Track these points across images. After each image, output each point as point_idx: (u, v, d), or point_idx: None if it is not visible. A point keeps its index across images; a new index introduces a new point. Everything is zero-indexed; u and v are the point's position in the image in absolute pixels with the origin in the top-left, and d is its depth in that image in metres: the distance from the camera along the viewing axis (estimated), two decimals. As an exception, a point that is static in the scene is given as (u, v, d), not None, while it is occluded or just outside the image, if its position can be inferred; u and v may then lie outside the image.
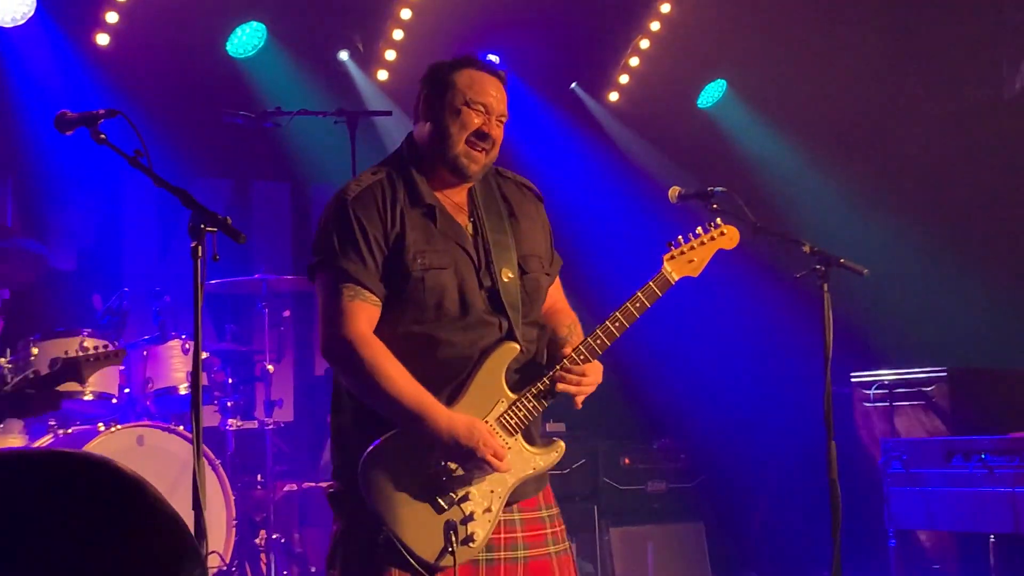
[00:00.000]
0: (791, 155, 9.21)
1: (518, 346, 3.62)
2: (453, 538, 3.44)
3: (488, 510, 3.54)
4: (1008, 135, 8.39)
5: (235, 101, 7.46)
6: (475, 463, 3.48)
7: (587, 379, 3.64)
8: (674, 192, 4.64)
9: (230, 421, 7.14)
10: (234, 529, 6.62)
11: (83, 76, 7.81)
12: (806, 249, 4.60)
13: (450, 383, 3.55)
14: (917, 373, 7.23)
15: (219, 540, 6.51)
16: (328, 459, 3.91)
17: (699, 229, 3.95)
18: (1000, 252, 8.33)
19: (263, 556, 6.96)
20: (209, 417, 7.08)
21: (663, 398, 8.33)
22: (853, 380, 7.49)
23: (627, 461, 7.90)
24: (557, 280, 3.92)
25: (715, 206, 4.60)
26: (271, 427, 7.21)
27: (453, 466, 3.50)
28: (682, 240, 3.92)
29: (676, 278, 3.85)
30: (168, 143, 7.15)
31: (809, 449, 5.79)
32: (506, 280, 3.66)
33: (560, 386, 3.62)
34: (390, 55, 8.79)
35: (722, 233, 3.99)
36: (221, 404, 7.12)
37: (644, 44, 9.37)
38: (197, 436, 3.40)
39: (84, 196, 8.18)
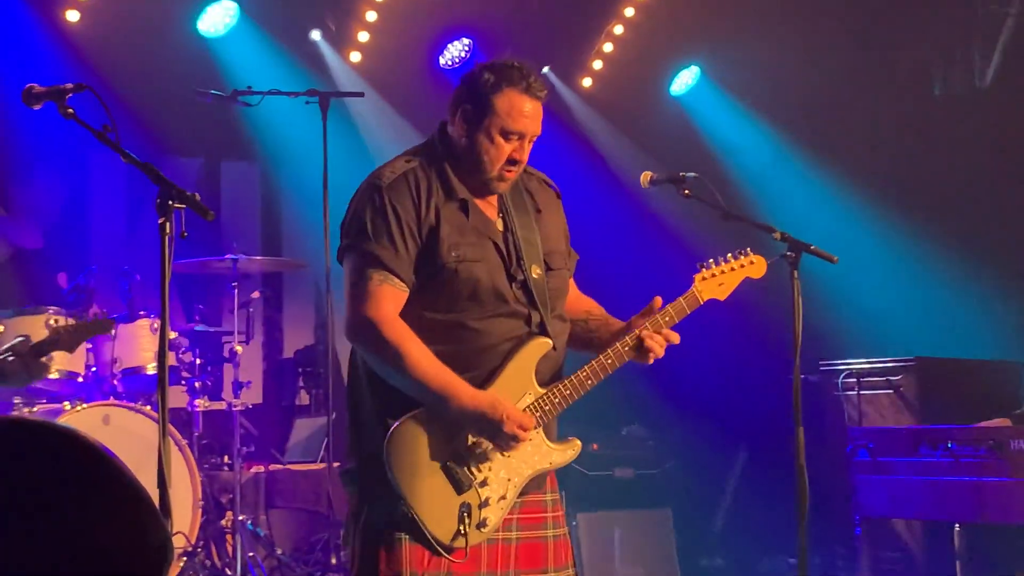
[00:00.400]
0: (763, 143, 9.23)
1: (551, 342, 3.69)
2: (467, 520, 3.52)
3: (503, 498, 3.60)
4: (979, 126, 8.43)
5: (206, 80, 7.40)
6: (501, 437, 3.52)
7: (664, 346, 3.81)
8: (646, 177, 4.62)
9: (197, 402, 7.09)
10: (200, 510, 6.59)
11: (52, 53, 7.74)
12: (776, 236, 4.59)
13: (480, 370, 3.59)
14: (886, 362, 7.26)
15: (185, 521, 6.48)
16: (297, 441, 3.93)
17: (729, 255, 4.08)
18: (970, 243, 8.37)
19: (229, 537, 6.93)
20: (176, 397, 7.05)
21: (631, 385, 8.33)
22: (822, 368, 7.51)
23: (595, 447, 7.91)
24: (572, 281, 4.01)
25: (686, 192, 4.60)
26: (239, 408, 7.16)
27: (477, 445, 3.56)
28: (712, 263, 4.04)
29: (705, 298, 3.98)
30: (137, 122, 7.13)
31: (777, 436, 5.80)
32: (535, 276, 3.72)
33: (650, 342, 3.75)
34: (363, 36, 8.75)
35: (752, 262, 4.13)
36: (189, 384, 7.08)
37: (618, 30, 9.35)
38: (163, 414, 3.38)
39: (50, 174, 8.12)
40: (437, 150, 3.75)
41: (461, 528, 3.51)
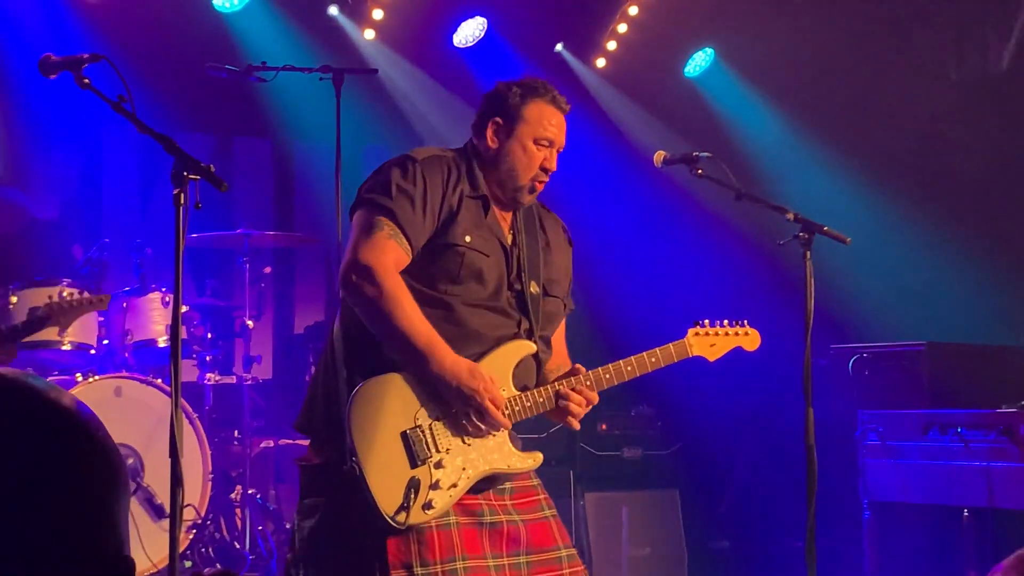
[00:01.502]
0: (777, 125, 9.21)
1: (534, 346, 3.73)
2: (413, 496, 3.46)
3: (454, 486, 3.55)
4: (994, 110, 8.39)
5: (220, 55, 7.40)
6: (474, 406, 3.51)
7: (586, 406, 3.75)
8: (659, 156, 4.63)
9: (208, 376, 7.12)
10: (210, 483, 6.63)
11: (68, 27, 7.75)
12: (789, 216, 4.59)
13: (460, 352, 3.57)
14: (896, 346, 7.24)
15: (195, 494, 6.51)
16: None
17: (726, 322, 4.20)
18: (983, 227, 8.34)
19: (238, 511, 6.96)
20: (187, 371, 7.07)
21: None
22: (832, 351, 7.50)
23: (603, 427, 7.91)
24: (562, 324, 4.02)
25: (700, 171, 4.60)
26: (249, 383, 7.20)
27: (441, 423, 3.53)
28: (708, 323, 4.14)
29: (694, 352, 4.08)
30: (151, 96, 7.10)
31: (786, 419, 5.82)
32: (532, 292, 3.78)
33: (564, 402, 3.72)
34: (378, 14, 8.74)
35: (747, 333, 4.26)
36: (200, 358, 7.11)
37: (633, 11, 9.33)
38: (176, 383, 3.39)
39: (66, 146, 8.14)
40: (468, 154, 3.84)
41: (405, 502, 3.44)
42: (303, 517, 3.61)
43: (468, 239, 3.66)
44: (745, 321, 4.26)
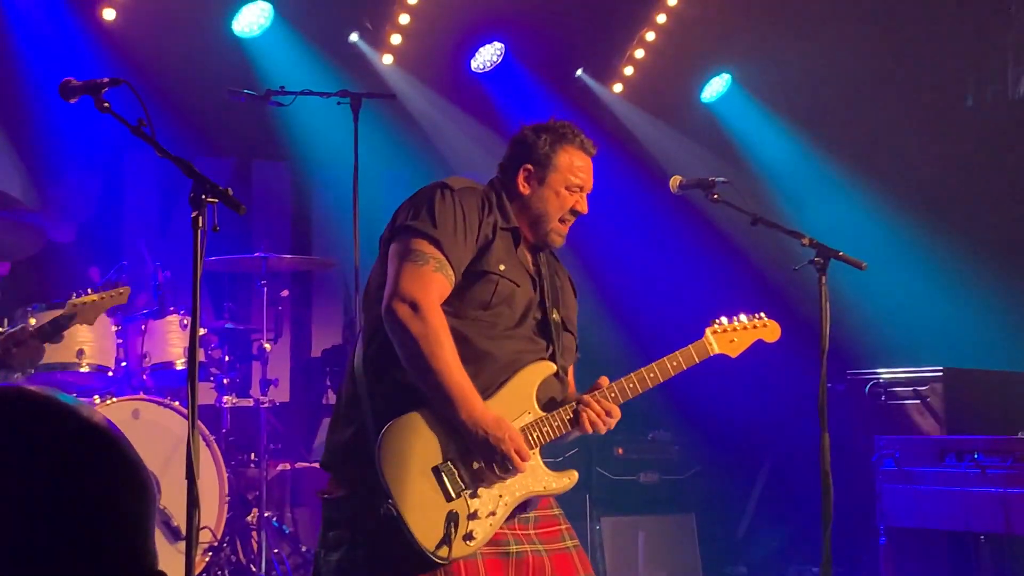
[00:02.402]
0: (793, 151, 9.22)
1: (555, 367, 3.74)
2: (453, 529, 3.45)
3: (492, 514, 3.55)
4: (1011, 137, 8.39)
5: (239, 80, 7.45)
6: (498, 459, 3.49)
7: (610, 419, 3.76)
8: (675, 181, 4.64)
9: (225, 398, 7.14)
10: (226, 506, 6.63)
11: (88, 51, 7.79)
12: (805, 242, 4.60)
13: (483, 379, 3.59)
14: (913, 372, 7.23)
15: (211, 516, 6.52)
16: (324, 440, 3.91)
17: (743, 315, 4.21)
18: (1000, 253, 8.33)
19: (255, 534, 6.96)
20: (205, 394, 7.08)
21: (658, 389, 8.32)
22: (849, 377, 7.49)
23: (620, 451, 7.91)
24: (571, 371, 4.02)
25: (716, 196, 4.62)
26: (266, 406, 7.21)
27: (472, 456, 3.52)
28: (725, 319, 4.16)
29: (715, 351, 4.08)
30: (170, 120, 7.16)
31: (802, 445, 5.80)
32: (555, 318, 3.82)
33: (586, 413, 3.71)
34: (396, 39, 8.78)
35: (765, 325, 4.27)
36: (217, 381, 7.13)
37: (650, 36, 9.36)
38: (192, 404, 3.40)
39: (85, 170, 8.19)
40: (498, 189, 3.88)
41: (446, 537, 3.43)
42: (328, 551, 3.59)
43: (502, 267, 3.69)
44: (763, 313, 4.25)
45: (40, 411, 1.37)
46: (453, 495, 3.48)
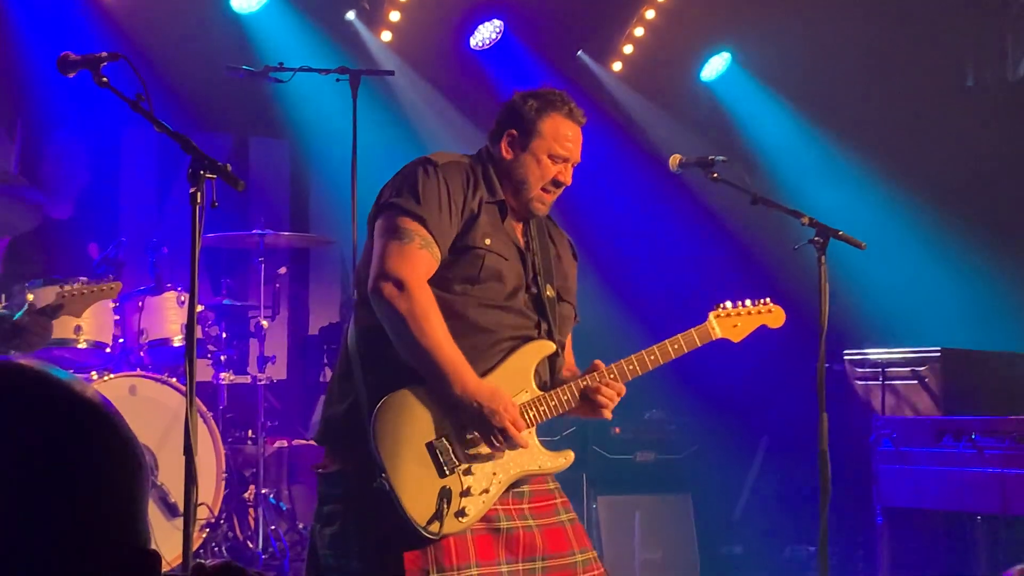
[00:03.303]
0: (793, 130, 9.20)
1: (554, 346, 3.72)
2: (445, 505, 3.44)
3: (486, 491, 3.55)
4: (1011, 118, 8.38)
5: (238, 56, 7.42)
6: (492, 430, 3.49)
7: (617, 397, 3.74)
8: (675, 160, 4.63)
9: (223, 375, 7.13)
10: (223, 483, 6.64)
11: (87, 26, 7.77)
12: (804, 221, 4.59)
13: (481, 356, 3.58)
14: (910, 353, 7.23)
15: (208, 493, 6.52)
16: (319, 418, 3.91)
17: (748, 301, 4.14)
18: (998, 235, 8.33)
19: (252, 511, 6.97)
20: (202, 371, 7.07)
21: (654, 370, 8.33)
22: (846, 358, 7.49)
23: (617, 431, 7.90)
24: (569, 336, 4.00)
25: (715, 175, 4.61)
26: (263, 383, 7.21)
27: (466, 431, 3.52)
28: (729, 304, 4.09)
29: (718, 335, 4.03)
30: (169, 96, 7.15)
31: (800, 425, 5.81)
32: (548, 295, 3.78)
33: (595, 395, 3.69)
34: (394, 16, 8.75)
35: (770, 310, 4.19)
36: (214, 358, 7.12)
37: (650, 14, 9.33)
38: (191, 380, 3.40)
39: (83, 146, 8.16)
40: (484, 160, 3.83)
41: (438, 512, 3.43)
42: (323, 524, 3.60)
43: (488, 242, 3.65)
44: (768, 299, 4.21)
45: (32, 385, 1.35)
46: (447, 471, 3.48)
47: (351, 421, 3.56)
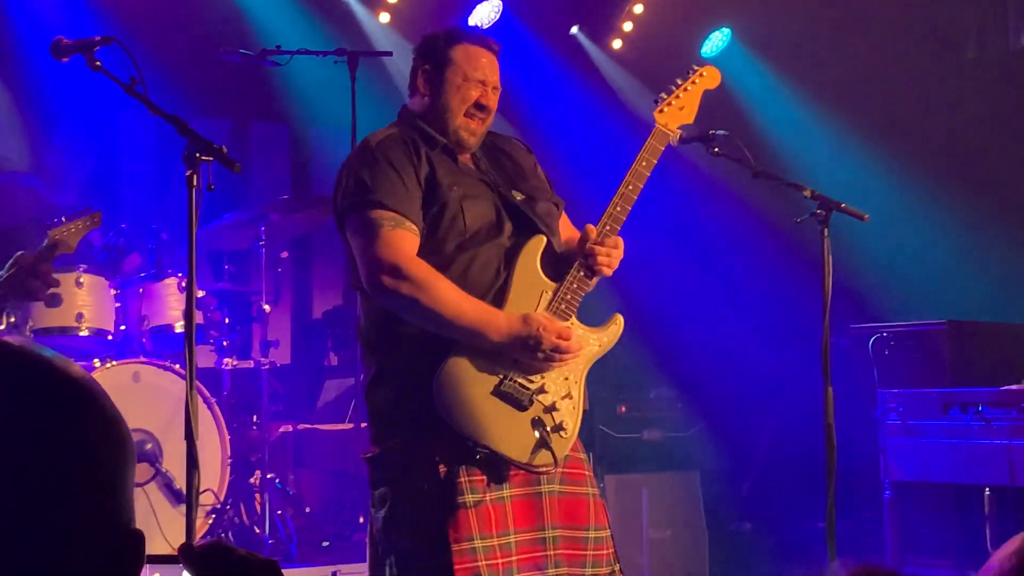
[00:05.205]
0: (793, 104, 9.16)
1: (545, 236, 3.72)
2: (544, 432, 3.53)
3: (568, 396, 3.62)
4: (1013, 89, 8.34)
5: (234, 40, 7.39)
6: (545, 353, 3.52)
7: (616, 251, 3.75)
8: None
9: (226, 361, 7.11)
10: (229, 468, 6.62)
11: (82, 11, 7.74)
12: (806, 193, 4.57)
13: (490, 291, 3.60)
14: (917, 325, 7.20)
15: (213, 479, 6.50)
16: (326, 402, 3.94)
17: (678, 79, 4.06)
18: (1004, 205, 8.30)
19: (257, 496, 6.96)
20: (205, 356, 7.06)
21: (660, 347, 8.31)
22: (852, 331, 7.46)
23: (623, 409, 7.89)
24: (567, 218, 4.00)
25: (716, 149, 4.59)
26: (267, 368, 7.19)
27: (523, 364, 3.55)
28: (664, 94, 4.01)
29: (674, 127, 3.97)
30: (165, 81, 7.09)
31: (806, 401, 5.77)
32: (519, 199, 3.78)
33: (590, 260, 3.68)
34: (392, -3, 8.72)
35: (702, 75, 4.14)
36: (217, 344, 7.10)
37: (649, -10, 9.29)
38: (190, 364, 3.38)
39: (82, 131, 8.13)
40: (409, 119, 3.83)
41: (542, 440, 3.51)
42: (377, 508, 3.65)
43: (456, 191, 3.67)
44: (693, 65, 4.16)
45: (13, 361, 1.32)
46: (526, 404, 3.55)
47: (384, 405, 3.63)
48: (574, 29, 9.45)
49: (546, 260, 3.71)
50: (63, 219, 5.44)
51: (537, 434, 3.51)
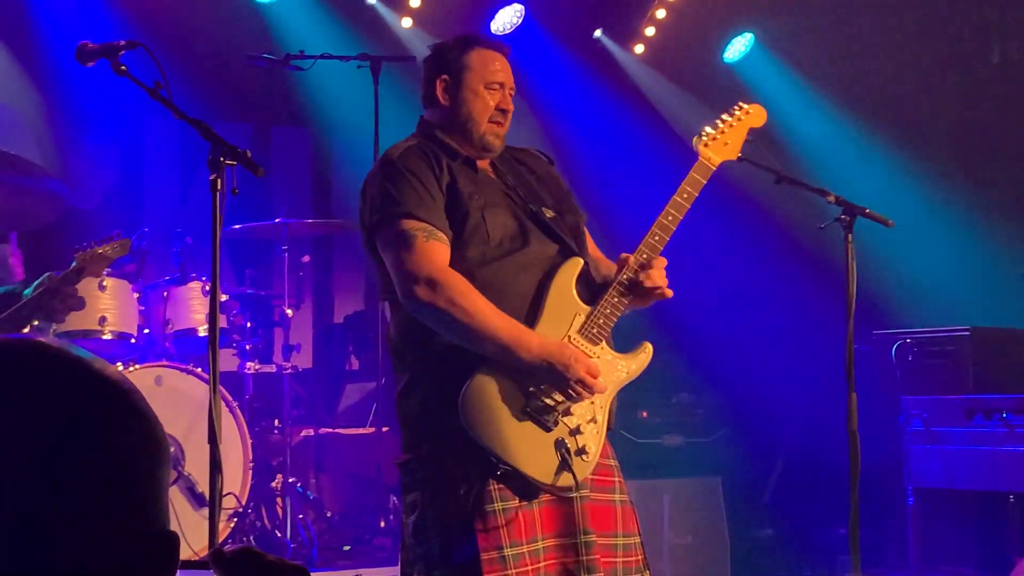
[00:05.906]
0: (817, 109, 9.13)
1: (582, 260, 3.72)
2: (566, 454, 3.51)
3: (593, 420, 3.62)
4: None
5: (258, 45, 7.41)
6: (570, 383, 3.52)
7: (662, 273, 3.76)
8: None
9: (248, 364, 7.12)
10: (251, 472, 6.63)
11: (107, 16, 7.77)
12: (830, 199, 4.55)
13: (524, 309, 3.60)
14: (940, 332, 7.17)
15: (235, 482, 6.52)
16: (347, 406, 3.94)
17: (724, 115, 4.04)
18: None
19: (279, 500, 6.97)
20: (227, 360, 7.07)
21: (682, 352, 8.30)
22: (875, 337, 7.43)
23: (644, 415, 7.88)
24: (588, 233, 3.98)
25: (739, 155, 4.56)
26: (289, 372, 7.20)
27: (550, 388, 3.55)
28: (710, 129, 3.99)
29: (717, 162, 3.94)
30: (189, 86, 7.12)
31: (829, 406, 5.76)
32: (549, 215, 3.76)
33: (645, 281, 3.69)
34: (415, 2, 8.72)
35: (748, 112, 4.10)
36: (240, 347, 7.11)
37: (672, -4, 9.29)
38: (214, 368, 3.39)
39: (106, 136, 8.16)
40: (428, 131, 3.83)
41: (563, 463, 3.50)
42: (408, 514, 3.66)
43: (478, 200, 3.67)
44: (740, 102, 4.14)
45: (51, 363, 1.33)
46: (551, 425, 3.54)
47: (421, 412, 3.62)
48: (598, 33, 9.44)
49: (580, 284, 3.71)
50: (92, 243, 5.47)
51: (559, 456, 3.51)
